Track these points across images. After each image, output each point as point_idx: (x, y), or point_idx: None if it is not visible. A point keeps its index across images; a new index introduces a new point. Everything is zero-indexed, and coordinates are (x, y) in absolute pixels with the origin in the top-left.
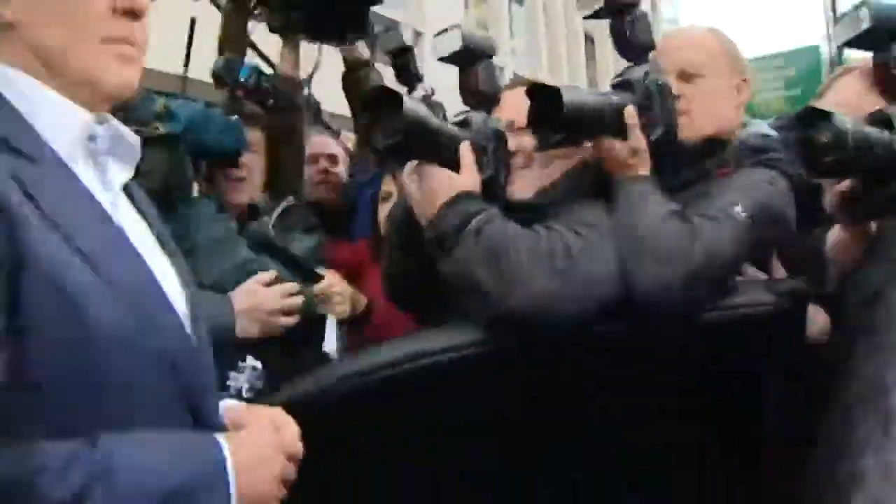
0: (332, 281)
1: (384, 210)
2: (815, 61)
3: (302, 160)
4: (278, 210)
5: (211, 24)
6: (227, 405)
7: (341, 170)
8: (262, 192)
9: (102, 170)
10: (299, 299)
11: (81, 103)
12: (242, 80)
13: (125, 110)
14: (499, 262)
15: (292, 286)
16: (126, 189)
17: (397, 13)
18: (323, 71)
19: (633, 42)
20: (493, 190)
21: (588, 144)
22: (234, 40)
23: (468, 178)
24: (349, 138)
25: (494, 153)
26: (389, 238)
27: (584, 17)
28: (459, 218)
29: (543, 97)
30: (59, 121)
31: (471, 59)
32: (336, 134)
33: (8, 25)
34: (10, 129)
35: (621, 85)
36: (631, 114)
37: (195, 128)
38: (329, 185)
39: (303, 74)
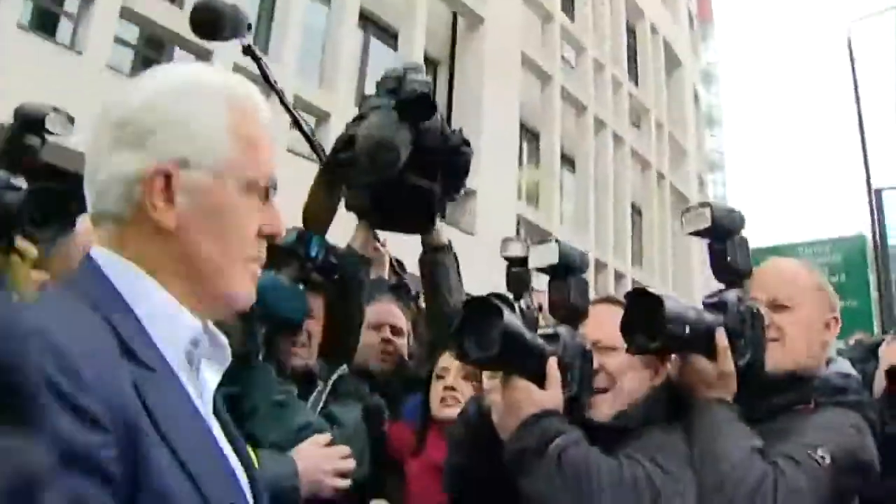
0: None
1: (438, 387)
2: (860, 249)
3: (358, 331)
4: (333, 377)
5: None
6: None
7: (403, 343)
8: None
9: (197, 373)
10: (352, 462)
11: (202, 311)
12: (312, 255)
13: None
14: (582, 490)
15: (346, 449)
16: None
17: None
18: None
19: (733, 266)
20: (574, 409)
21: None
22: (318, 217)
23: (553, 395)
24: None
25: (580, 371)
26: (456, 432)
27: (689, 234)
28: (541, 437)
29: (643, 302)
30: (174, 330)
31: (565, 272)
32: (415, 298)
33: (166, 231)
34: (132, 335)
35: (715, 305)
36: (722, 336)
37: (264, 295)
38: (387, 356)
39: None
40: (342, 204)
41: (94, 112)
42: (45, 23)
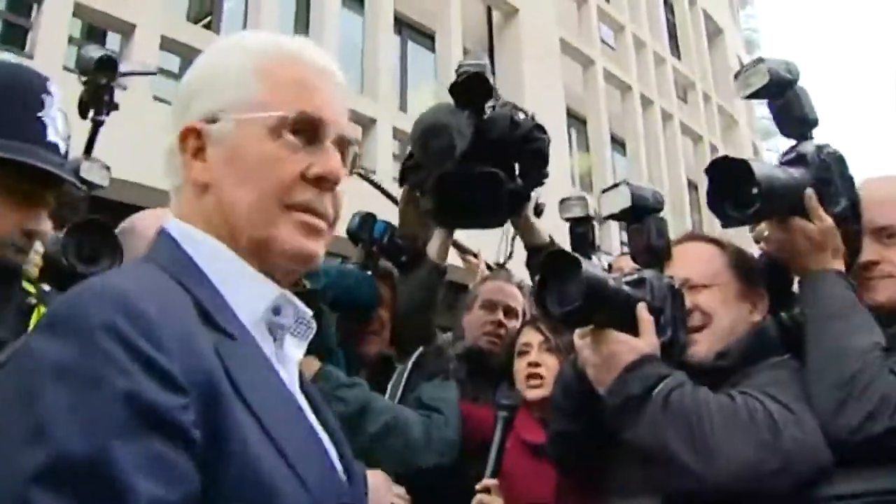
0: None
1: (521, 364)
2: None
3: (429, 315)
4: (412, 358)
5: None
6: None
7: (515, 326)
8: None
9: (280, 345)
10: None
11: (263, 273)
12: (377, 237)
13: None
14: (694, 432)
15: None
16: None
17: None
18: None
19: (799, 116)
20: (671, 352)
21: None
22: (414, 234)
23: (647, 341)
24: None
25: (672, 313)
26: (556, 400)
27: (744, 97)
28: (643, 383)
29: (725, 173)
30: (250, 294)
31: (639, 214)
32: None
33: (204, 187)
34: (209, 300)
35: (795, 160)
36: (810, 195)
37: (333, 283)
38: (496, 338)
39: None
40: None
41: (144, 142)
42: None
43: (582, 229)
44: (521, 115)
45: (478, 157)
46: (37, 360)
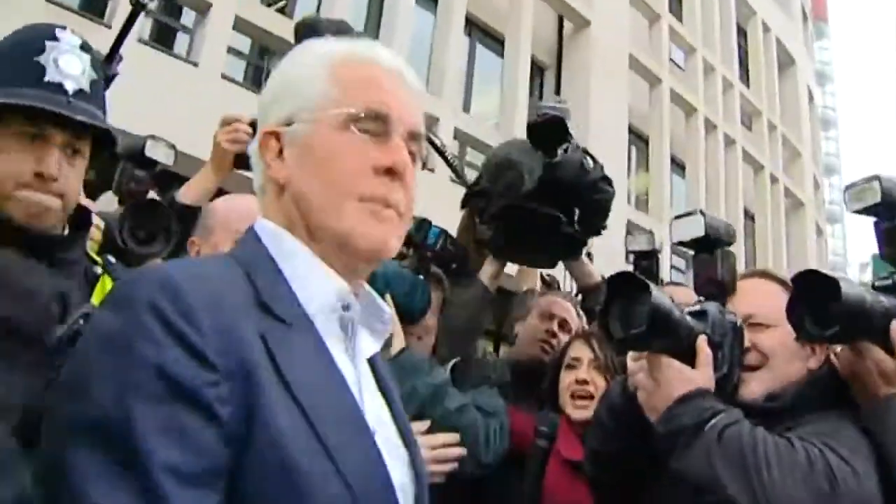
0: None
1: (569, 378)
2: None
3: (472, 336)
4: (448, 367)
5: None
6: None
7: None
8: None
9: (352, 340)
10: (457, 451)
11: (339, 268)
12: (431, 243)
13: None
14: (748, 470)
15: (449, 437)
16: (370, 360)
17: None
18: None
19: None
20: (724, 389)
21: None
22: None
23: (704, 374)
24: None
25: (730, 350)
26: (600, 416)
27: (852, 212)
28: (696, 416)
29: (813, 284)
30: (318, 287)
31: (710, 246)
32: None
33: (282, 186)
34: (271, 289)
35: (890, 288)
36: None
37: (389, 285)
38: (548, 347)
39: None
40: None
41: (211, 119)
42: (163, 36)
43: (647, 262)
44: (591, 163)
45: (542, 197)
46: (92, 329)
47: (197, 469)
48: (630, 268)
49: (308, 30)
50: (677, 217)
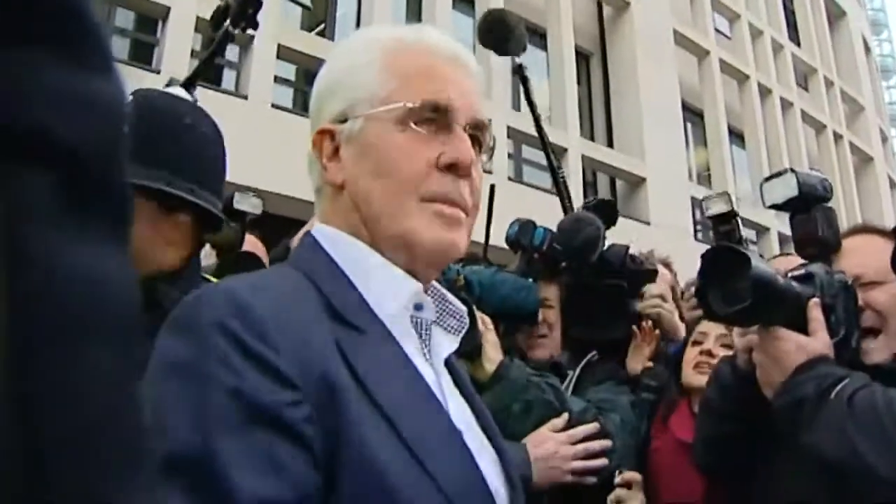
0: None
1: (693, 352)
2: None
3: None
4: (581, 364)
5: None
6: None
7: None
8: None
9: (427, 341)
10: (598, 444)
11: (405, 268)
12: (538, 244)
13: None
14: (886, 433)
15: (588, 428)
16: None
17: (619, 158)
18: None
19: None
20: (843, 353)
21: None
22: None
23: (820, 340)
24: None
25: (845, 311)
26: (711, 401)
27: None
28: (819, 385)
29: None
30: (388, 290)
31: (807, 204)
32: None
33: (340, 188)
34: (339, 296)
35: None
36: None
37: (486, 291)
38: None
39: None
40: None
41: (265, 150)
42: (209, 74)
43: (726, 227)
44: (631, 261)
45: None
46: (156, 357)
47: (290, 498)
48: (698, 246)
49: (497, 22)
50: (767, 179)
